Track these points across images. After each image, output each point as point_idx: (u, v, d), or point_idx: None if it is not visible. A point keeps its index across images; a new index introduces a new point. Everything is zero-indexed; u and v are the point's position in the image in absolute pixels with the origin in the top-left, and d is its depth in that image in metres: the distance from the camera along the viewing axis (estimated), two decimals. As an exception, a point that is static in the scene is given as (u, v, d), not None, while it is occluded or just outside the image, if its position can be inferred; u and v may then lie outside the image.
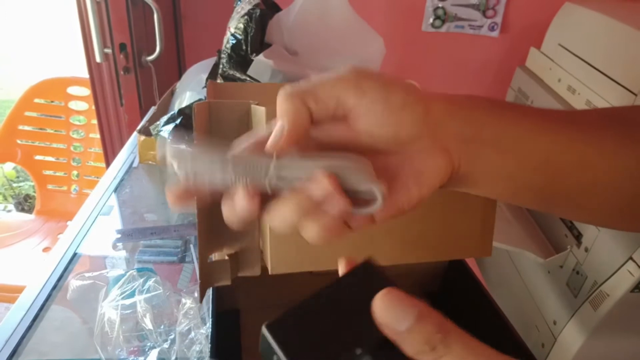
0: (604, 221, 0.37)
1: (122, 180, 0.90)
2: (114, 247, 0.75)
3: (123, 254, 0.75)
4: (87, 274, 0.64)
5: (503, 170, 0.30)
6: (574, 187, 0.31)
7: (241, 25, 0.82)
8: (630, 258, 0.76)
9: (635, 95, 0.81)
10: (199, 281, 0.45)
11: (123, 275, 0.62)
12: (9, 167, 2.62)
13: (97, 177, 1.78)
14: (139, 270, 0.64)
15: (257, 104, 0.44)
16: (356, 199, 0.27)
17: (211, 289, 0.50)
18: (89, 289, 0.63)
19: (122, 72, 1.34)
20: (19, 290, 0.67)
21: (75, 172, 1.87)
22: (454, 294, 0.61)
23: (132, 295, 0.60)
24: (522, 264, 1.07)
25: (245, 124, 0.44)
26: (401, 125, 0.28)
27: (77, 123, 1.84)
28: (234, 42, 0.81)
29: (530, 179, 0.31)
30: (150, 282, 0.61)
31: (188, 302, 0.60)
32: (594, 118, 0.33)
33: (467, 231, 0.46)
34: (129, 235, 0.75)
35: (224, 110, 0.44)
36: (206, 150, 0.27)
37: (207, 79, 0.87)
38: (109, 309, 0.59)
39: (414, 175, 0.28)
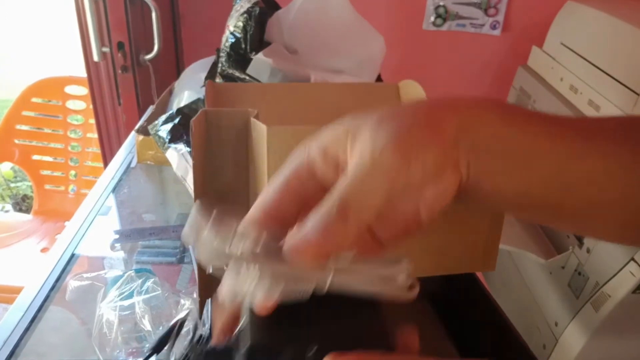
0: (609, 236, 0.36)
1: (120, 180, 0.90)
2: (112, 247, 0.74)
3: (121, 254, 0.74)
4: (85, 275, 0.64)
5: (512, 183, 0.29)
6: (584, 201, 0.30)
7: (240, 24, 0.81)
8: (632, 259, 0.75)
9: (638, 94, 0.80)
10: (197, 297, 0.44)
11: (121, 276, 0.62)
12: (6, 167, 2.61)
13: (95, 177, 1.77)
14: (137, 271, 0.64)
15: (256, 115, 0.42)
16: None
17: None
18: (88, 290, 0.63)
19: (120, 71, 1.34)
20: (16, 290, 0.67)
21: (73, 172, 1.86)
22: (455, 293, 0.61)
23: (130, 296, 0.60)
24: (523, 264, 1.06)
25: (244, 137, 0.43)
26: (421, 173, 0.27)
27: (75, 122, 1.83)
28: (233, 40, 0.80)
29: (539, 193, 0.29)
30: (149, 283, 0.61)
31: (187, 303, 0.60)
32: (612, 127, 0.31)
33: (471, 245, 0.44)
34: (128, 235, 0.75)
35: (223, 119, 0.43)
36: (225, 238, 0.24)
37: (205, 78, 0.86)
38: (107, 310, 0.58)
39: (422, 198, 0.27)
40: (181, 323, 0.38)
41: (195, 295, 0.62)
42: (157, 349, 0.28)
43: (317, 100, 0.65)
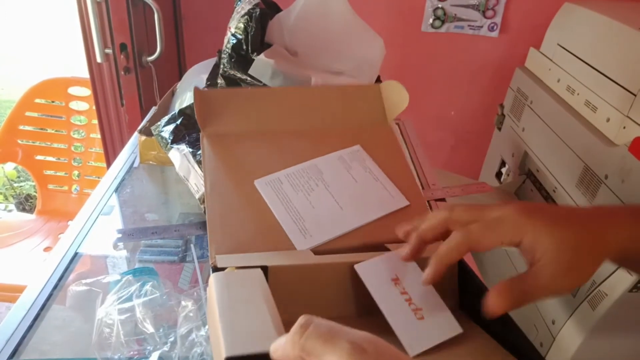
0: None
1: (122, 180, 0.90)
2: (115, 246, 0.75)
3: (124, 253, 0.75)
4: (83, 281, 0.64)
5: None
6: None
7: (241, 25, 0.82)
8: (629, 258, 0.76)
9: (635, 95, 0.81)
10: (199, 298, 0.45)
11: (119, 281, 0.62)
12: (9, 167, 2.62)
13: (98, 177, 1.78)
14: (135, 275, 0.64)
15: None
16: None
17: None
18: (87, 294, 0.63)
19: (122, 73, 1.35)
20: (19, 289, 0.67)
21: (76, 172, 1.87)
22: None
23: (129, 299, 0.60)
24: (520, 263, 1.07)
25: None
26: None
27: (78, 123, 1.84)
28: (234, 41, 0.81)
29: None
30: (147, 287, 0.61)
31: (189, 305, 0.60)
32: None
33: None
34: (130, 235, 0.75)
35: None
36: None
37: (207, 79, 0.87)
38: (107, 313, 0.58)
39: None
40: None
41: (196, 294, 0.63)
42: None
43: (303, 104, 0.67)
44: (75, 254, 0.74)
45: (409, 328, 0.41)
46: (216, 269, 0.47)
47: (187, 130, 0.80)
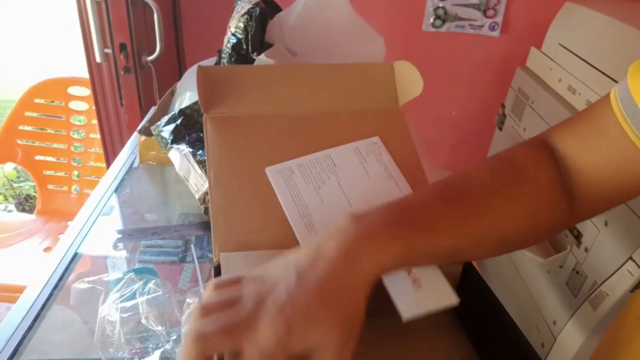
0: (490, 255, 0.46)
1: (122, 180, 0.90)
2: (115, 247, 0.75)
3: (124, 254, 0.75)
4: (86, 279, 0.64)
5: None
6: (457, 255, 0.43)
7: (241, 25, 0.82)
8: (630, 258, 0.76)
9: (636, 95, 0.81)
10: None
11: (122, 279, 0.62)
12: (9, 168, 2.62)
13: (98, 178, 1.78)
14: (137, 272, 0.64)
15: None
16: None
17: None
18: (90, 293, 0.63)
19: (122, 72, 1.35)
20: (19, 290, 0.67)
21: (75, 173, 1.87)
22: (458, 291, 0.61)
23: (132, 297, 0.60)
24: (522, 263, 1.07)
25: None
26: None
27: (78, 123, 1.84)
28: (234, 41, 0.81)
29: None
30: (150, 285, 0.61)
31: (195, 302, 0.60)
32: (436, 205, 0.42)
33: None
34: (130, 235, 0.75)
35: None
36: None
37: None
38: (109, 311, 0.58)
39: None
40: None
41: (199, 293, 0.63)
42: None
43: (313, 83, 0.63)
44: (75, 254, 0.73)
45: (405, 294, 0.42)
46: (218, 268, 0.46)
47: (187, 130, 0.80)
